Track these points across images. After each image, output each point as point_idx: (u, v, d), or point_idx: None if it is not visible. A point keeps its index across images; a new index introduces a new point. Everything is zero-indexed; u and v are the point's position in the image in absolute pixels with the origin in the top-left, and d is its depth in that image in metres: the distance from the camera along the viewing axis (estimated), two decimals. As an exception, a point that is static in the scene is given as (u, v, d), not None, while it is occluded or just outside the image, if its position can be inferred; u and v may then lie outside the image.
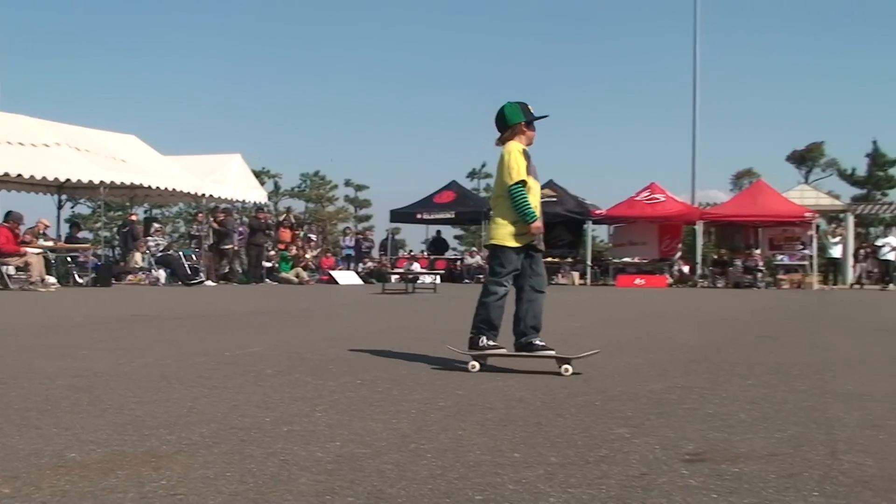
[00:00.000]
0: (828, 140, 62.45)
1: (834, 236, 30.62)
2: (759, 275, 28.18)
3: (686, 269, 30.44)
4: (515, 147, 5.91)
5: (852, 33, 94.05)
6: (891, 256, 28.46)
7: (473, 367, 5.83)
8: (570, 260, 30.89)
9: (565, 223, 30.41)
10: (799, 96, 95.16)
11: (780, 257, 30.13)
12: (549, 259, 31.27)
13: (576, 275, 29.76)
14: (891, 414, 4.37)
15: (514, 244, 5.90)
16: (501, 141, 6.05)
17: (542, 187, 8.52)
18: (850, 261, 31.45)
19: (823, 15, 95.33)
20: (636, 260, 30.37)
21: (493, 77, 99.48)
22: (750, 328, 10.62)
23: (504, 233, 5.91)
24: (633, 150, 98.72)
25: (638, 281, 28.40)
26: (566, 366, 5.67)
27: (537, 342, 5.96)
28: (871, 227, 49.26)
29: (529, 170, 5.91)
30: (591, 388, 5.21)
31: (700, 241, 30.73)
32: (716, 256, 31.46)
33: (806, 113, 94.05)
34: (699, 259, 30.21)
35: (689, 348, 7.80)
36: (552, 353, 5.90)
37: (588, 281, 29.65)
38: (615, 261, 30.62)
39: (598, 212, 30.35)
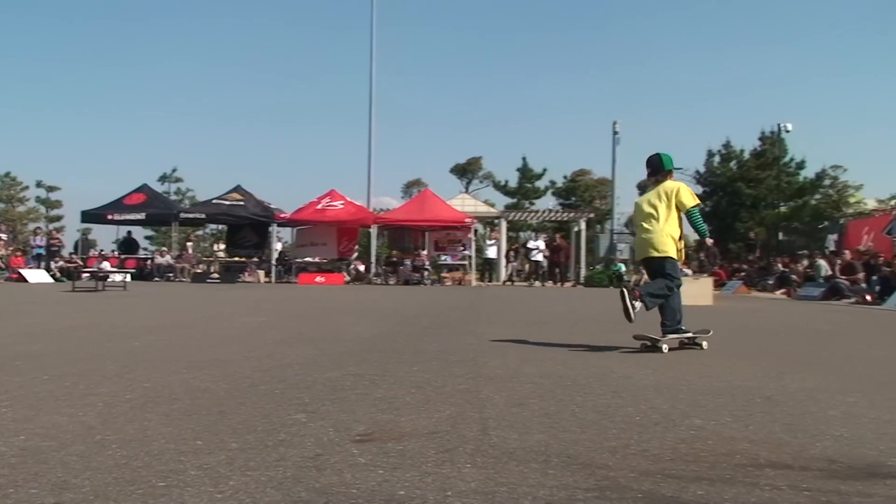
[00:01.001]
0: (485, 155, 67.31)
1: (489, 239, 32.74)
2: (426, 273, 29.41)
3: (362, 267, 31.15)
4: (679, 184, 7.38)
5: (503, 64, 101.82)
6: (539, 257, 31.03)
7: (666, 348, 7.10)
8: (256, 259, 30.60)
9: (252, 225, 31.15)
10: (461, 116, 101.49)
11: (443, 257, 31.56)
12: (237, 258, 30.78)
13: (261, 273, 29.50)
14: (533, 394, 4.73)
15: (676, 256, 7.28)
16: (656, 178, 7.50)
17: (230, 192, 8.43)
18: (503, 261, 33.81)
19: (476, 51, 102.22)
20: (317, 259, 30.59)
21: (176, 84, 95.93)
22: (417, 320, 11.00)
23: (673, 248, 7.26)
24: (316, 160, 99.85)
25: (318, 279, 28.59)
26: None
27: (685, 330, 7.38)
28: (520, 231, 53.50)
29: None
30: (272, 377, 5.20)
31: (374, 242, 31.64)
32: (388, 256, 32.51)
33: (467, 131, 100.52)
34: (374, 259, 31.05)
35: (362, 339, 7.97)
36: (701, 338, 7.39)
37: (273, 279, 29.43)
38: (298, 260, 30.64)
39: (282, 215, 30.30)
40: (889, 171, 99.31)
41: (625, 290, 7.16)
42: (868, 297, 18.16)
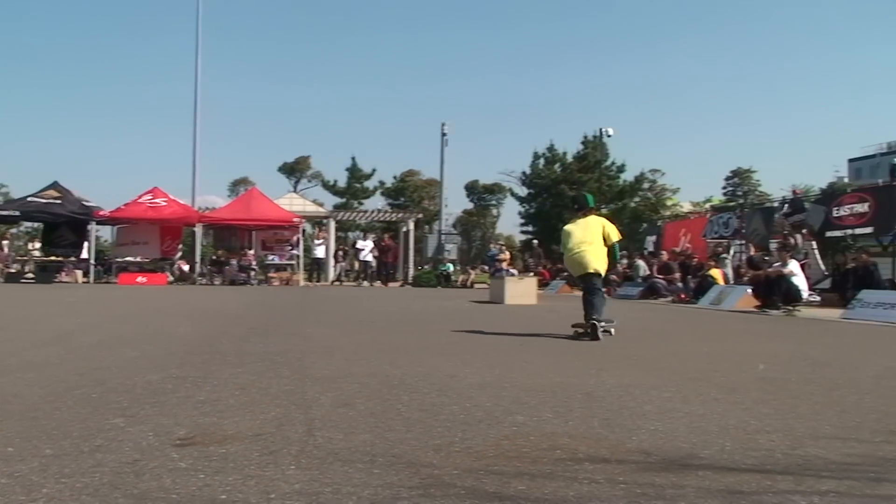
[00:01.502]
0: (314, 154, 66.84)
1: (318, 239, 32.47)
2: (253, 273, 28.89)
3: (186, 267, 30.10)
4: (605, 220, 9.72)
5: (328, 64, 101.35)
6: (368, 257, 31.06)
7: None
8: (73, 259, 28.94)
9: (69, 223, 29.56)
10: (290, 114, 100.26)
11: (271, 257, 31.11)
12: (53, 258, 29.00)
13: (79, 273, 27.95)
14: (359, 394, 4.72)
15: (602, 270, 9.32)
16: (584, 213, 9.75)
17: (46, 189, 8.02)
18: (332, 261, 33.60)
19: (306, 50, 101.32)
20: (138, 259, 29.34)
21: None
22: (242, 321, 10.80)
23: (604, 266, 9.32)
24: (139, 156, 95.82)
25: (140, 279, 27.42)
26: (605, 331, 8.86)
27: (599, 323, 8.80)
28: (349, 231, 53.39)
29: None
30: (89, 381, 4.96)
31: (199, 241, 30.63)
32: (214, 256, 31.58)
33: (296, 130, 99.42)
34: (198, 258, 30.07)
35: (185, 341, 7.74)
36: (607, 327, 8.98)
37: (91, 279, 27.91)
38: (118, 260, 29.26)
39: (101, 213, 28.79)
40: (703, 175, 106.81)
41: (595, 324, 8.75)
42: (683, 296, 19.19)
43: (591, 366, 6.25)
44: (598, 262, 9.24)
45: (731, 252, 22.83)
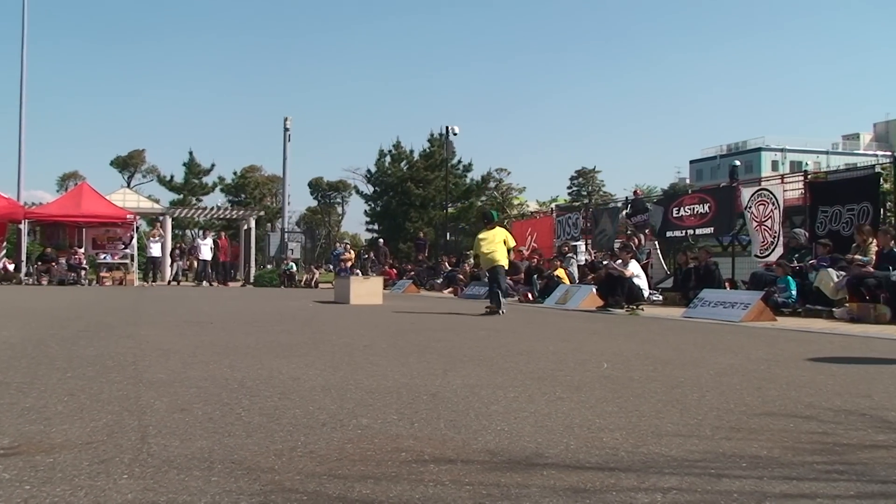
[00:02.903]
0: (149, 148, 64.39)
1: (153, 237, 31.30)
2: (83, 272, 27.76)
3: (11, 266, 28.47)
4: (506, 231, 15.17)
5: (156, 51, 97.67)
6: (206, 256, 30.18)
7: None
8: None
9: None
10: (123, 105, 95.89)
11: (103, 256, 29.90)
12: None
13: None
14: (197, 398, 4.62)
15: (506, 265, 14.37)
16: (491, 225, 14.62)
17: None
18: (168, 260, 32.48)
19: (139, 38, 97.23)
20: (-45, 257, 27.42)
21: None
22: (72, 323, 10.33)
23: (505, 262, 14.28)
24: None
25: (-45, 278, 25.60)
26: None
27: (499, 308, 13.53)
28: (187, 229, 51.73)
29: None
30: None
31: (25, 239, 28.99)
32: (41, 254, 29.90)
33: (130, 121, 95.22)
34: (24, 257, 28.46)
35: (9, 345, 7.34)
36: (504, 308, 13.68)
37: None
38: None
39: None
40: (548, 175, 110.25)
41: (500, 301, 13.62)
42: (529, 296, 19.59)
43: (437, 367, 6.29)
44: (502, 259, 14.17)
45: (578, 252, 23.33)
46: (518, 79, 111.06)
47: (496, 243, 14.06)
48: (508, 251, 14.28)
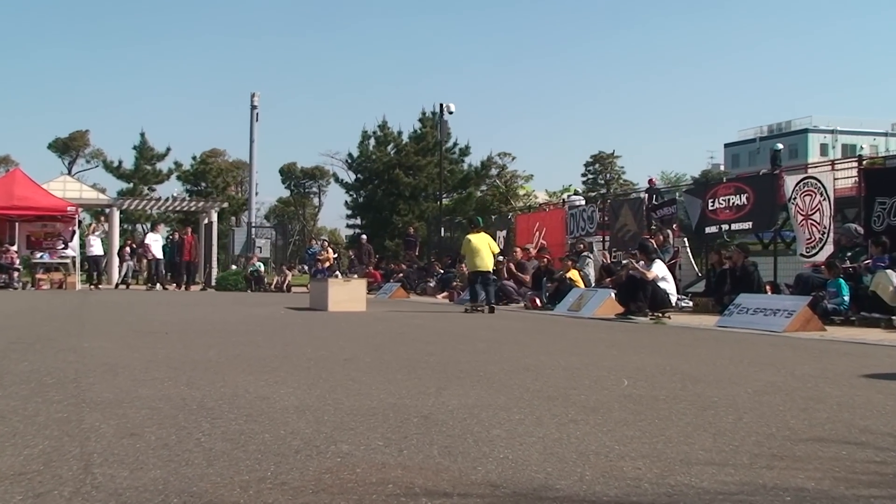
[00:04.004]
0: (94, 129, 64.27)
1: (94, 231, 31.20)
2: (16, 274, 27.68)
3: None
4: (489, 237, 18.69)
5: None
6: (160, 255, 30.11)
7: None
8: None
9: None
10: (64, 79, 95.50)
11: (39, 255, 29.82)
12: None
13: None
14: (149, 420, 4.61)
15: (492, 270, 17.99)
16: (479, 230, 18.18)
17: None
18: (116, 260, 32.39)
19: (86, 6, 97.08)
20: None
21: None
22: (2, 333, 10.34)
23: (491, 265, 17.74)
24: None
25: None
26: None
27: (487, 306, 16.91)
28: (138, 223, 51.66)
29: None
30: None
31: (-53, 234, 28.93)
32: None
33: (72, 97, 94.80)
34: (-55, 255, 28.41)
35: (-73, 359, 7.31)
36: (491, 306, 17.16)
37: None
38: None
39: None
40: (559, 161, 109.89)
41: (481, 299, 16.95)
42: (537, 301, 19.27)
43: (429, 384, 6.27)
44: (489, 263, 17.41)
45: (595, 250, 23.04)
46: (523, 47, 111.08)
47: (483, 247, 17.30)
48: (494, 257, 17.91)
